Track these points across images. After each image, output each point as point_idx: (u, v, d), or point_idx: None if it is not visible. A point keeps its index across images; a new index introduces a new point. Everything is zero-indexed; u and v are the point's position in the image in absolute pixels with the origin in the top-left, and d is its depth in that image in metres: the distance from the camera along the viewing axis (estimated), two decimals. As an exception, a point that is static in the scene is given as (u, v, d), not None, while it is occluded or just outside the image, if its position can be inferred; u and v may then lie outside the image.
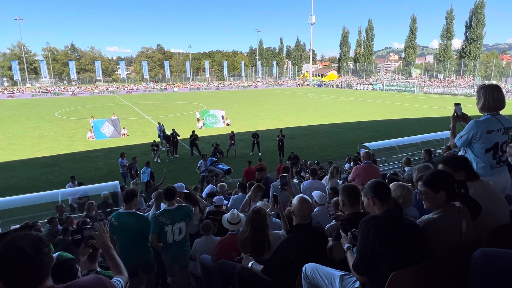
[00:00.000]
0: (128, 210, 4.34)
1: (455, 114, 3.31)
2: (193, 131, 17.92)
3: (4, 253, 1.32)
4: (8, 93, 59.56)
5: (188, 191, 5.57)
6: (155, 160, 16.70)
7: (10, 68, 76.01)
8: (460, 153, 3.32)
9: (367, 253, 2.16)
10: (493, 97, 2.95)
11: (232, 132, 18.05)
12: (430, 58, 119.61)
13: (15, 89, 64.88)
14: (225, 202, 6.09)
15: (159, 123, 20.37)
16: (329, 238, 3.13)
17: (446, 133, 16.17)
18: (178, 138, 17.95)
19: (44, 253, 1.41)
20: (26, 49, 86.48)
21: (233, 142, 17.52)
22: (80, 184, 11.20)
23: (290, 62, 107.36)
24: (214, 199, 5.88)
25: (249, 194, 5.75)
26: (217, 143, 17.35)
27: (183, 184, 5.73)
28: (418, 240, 2.20)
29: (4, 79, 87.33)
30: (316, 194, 5.12)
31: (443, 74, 64.62)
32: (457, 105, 3.33)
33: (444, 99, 46.83)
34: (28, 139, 22.10)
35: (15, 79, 74.07)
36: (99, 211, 8.16)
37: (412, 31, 71.73)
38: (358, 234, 2.27)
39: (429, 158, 7.55)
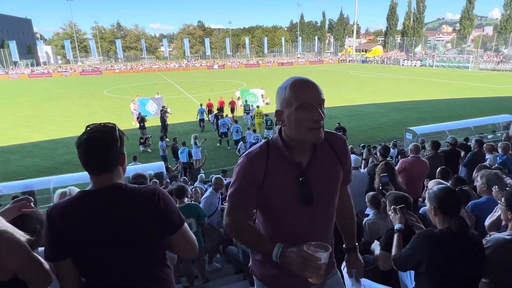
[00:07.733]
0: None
1: None
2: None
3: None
4: (62, 71, 63.44)
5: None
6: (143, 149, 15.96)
7: (63, 47, 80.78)
8: None
9: (409, 261, 2.15)
10: None
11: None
12: (488, 30, 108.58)
13: (68, 67, 68.98)
14: None
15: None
16: (376, 242, 3.07)
17: (504, 117, 14.82)
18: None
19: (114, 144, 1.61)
20: (77, 28, 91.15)
21: None
22: None
23: (332, 37, 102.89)
24: None
25: None
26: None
27: None
28: (478, 263, 2.04)
29: (58, 57, 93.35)
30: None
31: (504, 48, 58.64)
32: None
33: (503, 76, 42.64)
34: (82, 116, 23.61)
35: (67, 57, 78.80)
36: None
37: (470, 0, 65.33)
38: (410, 242, 2.19)
39: (479, 149, 6.94)
